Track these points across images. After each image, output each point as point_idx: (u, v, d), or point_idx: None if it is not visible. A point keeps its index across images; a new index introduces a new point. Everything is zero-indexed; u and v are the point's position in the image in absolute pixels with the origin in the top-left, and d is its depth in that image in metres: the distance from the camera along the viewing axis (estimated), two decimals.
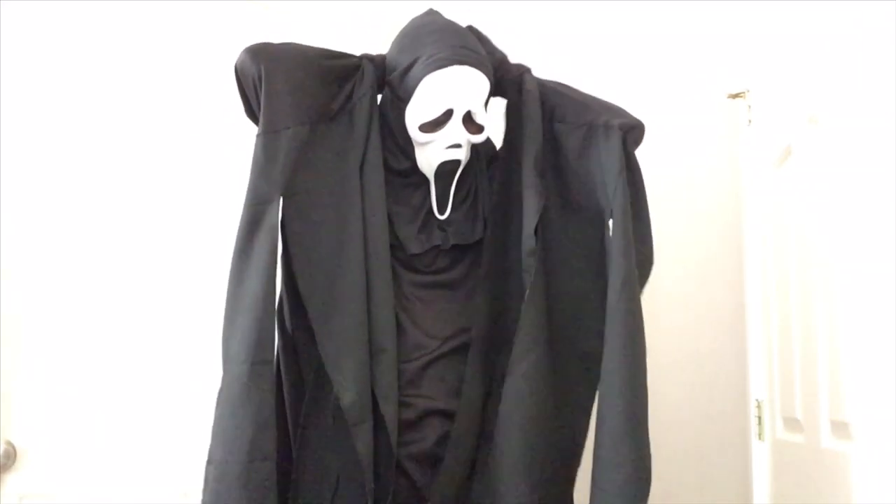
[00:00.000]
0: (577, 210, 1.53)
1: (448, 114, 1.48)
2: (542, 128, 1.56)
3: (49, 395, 1.82)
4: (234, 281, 1.40)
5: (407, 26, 1.57)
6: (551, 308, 1.50)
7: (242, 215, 1.41)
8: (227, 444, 1.35)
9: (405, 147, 1.53)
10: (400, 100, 1.51)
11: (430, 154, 1.51)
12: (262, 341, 1.35)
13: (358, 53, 1.61)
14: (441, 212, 1.54)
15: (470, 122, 1.51)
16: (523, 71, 1.60)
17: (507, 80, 1.59)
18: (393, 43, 1.56)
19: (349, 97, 1.51)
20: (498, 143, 1.65)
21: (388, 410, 1.40)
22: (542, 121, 1.56)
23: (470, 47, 1.50)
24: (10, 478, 1.77)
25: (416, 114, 1.49)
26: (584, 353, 1.49)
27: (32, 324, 1.82)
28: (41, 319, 1.83)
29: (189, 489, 1.86)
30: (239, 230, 1.41)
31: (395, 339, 1.45)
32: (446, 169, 1.52)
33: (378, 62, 1.55)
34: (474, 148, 1.59)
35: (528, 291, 1.45)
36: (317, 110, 1.47)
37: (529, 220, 1.47)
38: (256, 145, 1.43)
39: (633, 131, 1.53)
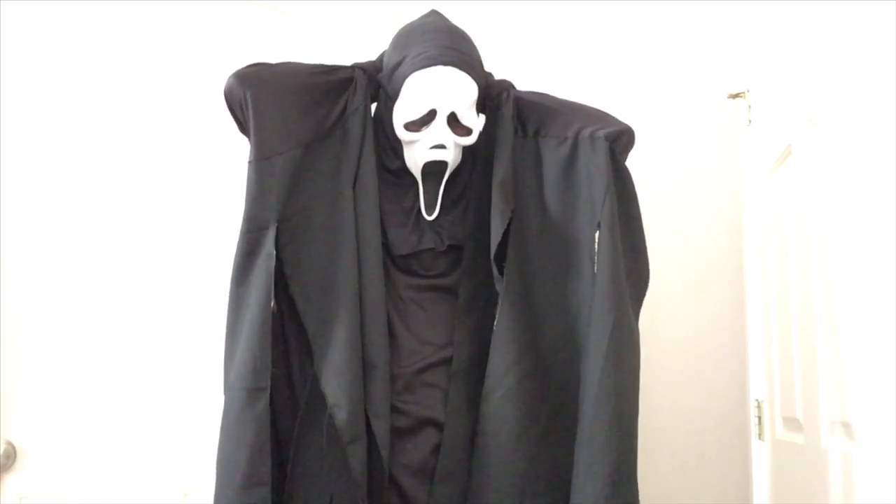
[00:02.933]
0: (563, 229, 1.50)
1: (432, 114, 1.46)
2: (525, 145, 1.53)
3: (49, 395, 1.82)
4: (232, 309, 1.41)
5: (406, 26, 1.57)
6: (539, 330, 1.47)
7: (239, 242, 1.42)
8: (224, 469, 1.36)
9: (395, 146, 1.53)
10: (389, 98, 1.51)
11: (416, 153, 1.50)
12: (256, 369, 1.36)
13: (358, 55, 1.61)
14: (429, 212, 1.53)
15: (456, 124, 1.49)
16: (504, 88, 1.57)
17: (488, 97, 1.56)
18: (390, 42, 1.56)
19: (343, 111, 1.50)
20: None
21: (380, 427, 1.40)
22: (525, 137, 1.54)
23: (459, 49, 1.48)
24: (10, 478, 1.77)
25: (401, 112, 1.48)
26: (579, 380, 1.44)
27: (32, 324, 1.82)
28: (41, 319, 1.83)
29: (189, 489, 1.87)
30: (235, 257, 1.42)
31: (387, 355, 1.44)
32: (433, 170, 1.50)
33: (371, 71, 1.54)
34: (469, 148, 1.59)
35: (496, 318, 1.44)
36: (309, 131, 1.46)
37: (493, 246, 1.46)
38: (249, 173, 1.43)
39: (620, 138, 1.49)
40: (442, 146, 1.48)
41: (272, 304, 1.44)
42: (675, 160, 2.39)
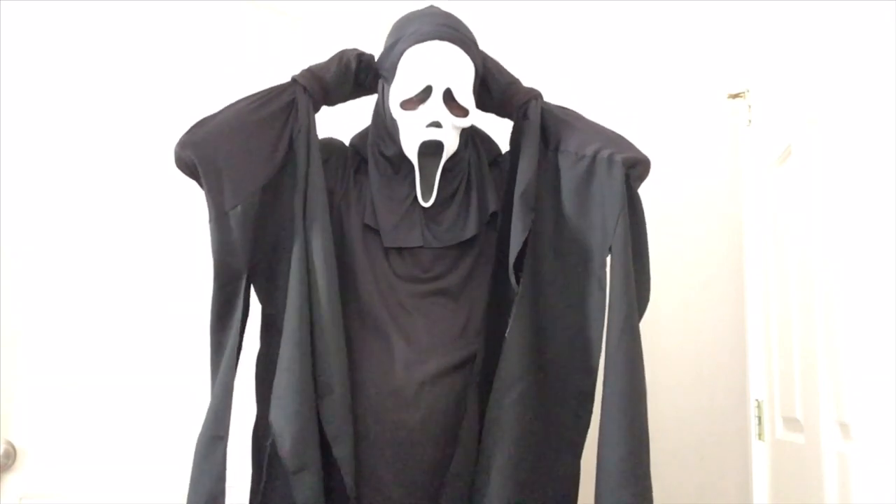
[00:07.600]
0: (573, 244, 1.50)
1: (427, 90, 1.46)
2: (546, 158, 1.52)
3: (49, 395, 1.82)
4: (214, 352, 1.44)
5: (403, 16, 1.57)
6: (544, 343, 1.47)
7: (213, 294, 1.43)
8: None
9: (392, 131, 1.52)
10: (385, 80, 1.51)
11: (411, 133, 1.49)
12: (218, 417, 1.39)
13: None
14: (425, 199, 1.52)
15: (452, 103, 1.48)
16: (531, 97, 1.56)
17: (514, 103, 1.56)
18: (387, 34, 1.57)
19: (290, 139, 1.47)
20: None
21: (342, 452, 1.38)
22: (546, 150, 1.53)
23: (455, 27, 1.49)
24: (10, 478, 1.77)
25: (397, 91, 1.48)
26: (577, 391, 1.47)
27: (33, 324, 1.82)
28: (41, 319, 1.83)
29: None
30: (212, 308, 1.43)
31: (343, 376, 1.41)
32: (429, 151, 1.49)
33: (312, 84, 1.51)
34: (473, 143, 1.58)
35: (509, 326, 1.43)
36: (262, 171, 1.44)
37: (511, 255, 1.45)
38: (211, 230, 1.43)
39: (637, 166, 1.48)
40: (438, 124, 1.47)
41: (239, 354, 1.43)
42: (676, 160, 2.39)
